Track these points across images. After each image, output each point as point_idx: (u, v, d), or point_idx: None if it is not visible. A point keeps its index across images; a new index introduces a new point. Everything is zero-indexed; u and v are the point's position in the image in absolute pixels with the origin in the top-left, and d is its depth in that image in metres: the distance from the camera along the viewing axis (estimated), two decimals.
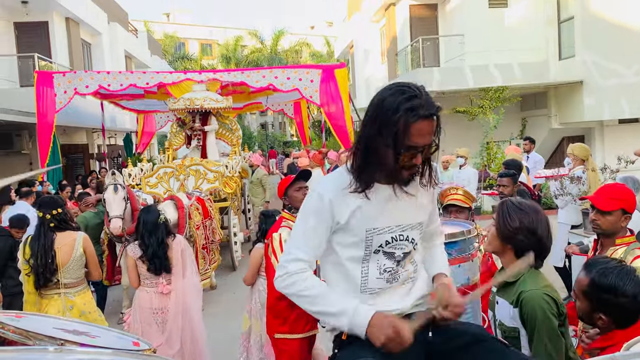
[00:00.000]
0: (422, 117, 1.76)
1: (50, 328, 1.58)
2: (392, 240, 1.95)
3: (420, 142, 1.79)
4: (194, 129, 9.69)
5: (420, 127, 1.76)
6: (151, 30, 33.49)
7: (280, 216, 3.78)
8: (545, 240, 2.23)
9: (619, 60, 13.20)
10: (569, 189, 6.12)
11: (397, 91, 1.81)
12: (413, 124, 1.75)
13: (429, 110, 1.77)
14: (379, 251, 1.94)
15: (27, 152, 14.56)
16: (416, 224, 2.00)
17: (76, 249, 4.17)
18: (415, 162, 1.83)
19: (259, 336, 4.25)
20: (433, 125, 1.80)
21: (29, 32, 15.47)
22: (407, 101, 1.76)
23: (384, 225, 1.93)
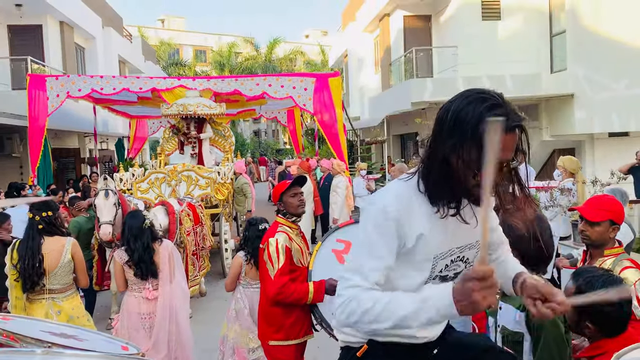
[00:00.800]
0: (509, 129, 1.52)
1: (37, 331, 1.57)
2: (450, 262, 1.79)
3: (503, 156, 1.53)
4: (189, 136, 9.68)
5: (505, 139, 1.50)
6: (145, 36, 33.49)
7: (275, 221, 3.76)
8: (549, 247, 2.27)
9: (610, 75, 13.35)
10: (558, 201, 6.17)
11: (477, 99, 1.59)
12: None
13: (515, 120, 1.55)
14: (437, 276, 1.77)
15: (17, 155, 14.46)
16: (474, 243, 1.82)
17: (64, 254, 4.12)
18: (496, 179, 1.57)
19: (231, 343, 4.26)
20: (516, 138, 1.57)
21: (22, 35, 15.42)
22: (491, 110, 1.54)
23: (447, 248, 1.75)
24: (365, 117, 20.93)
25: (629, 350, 1.67)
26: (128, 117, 14.76)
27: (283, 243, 3.47)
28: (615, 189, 5.33)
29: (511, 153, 1.57)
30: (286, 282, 3.39)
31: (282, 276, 3.40)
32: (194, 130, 9.64)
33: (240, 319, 4.27)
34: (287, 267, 3.44)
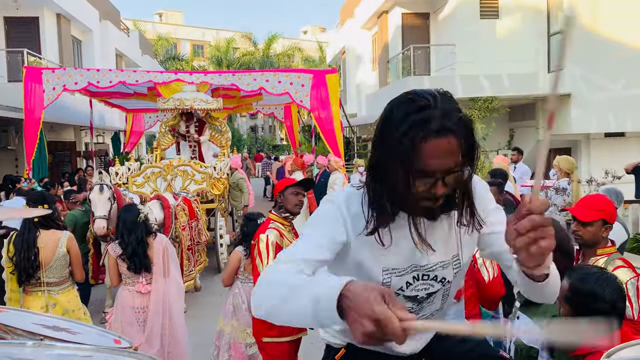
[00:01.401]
0: (433, 133, 1.35)
1: (29, 323, 1.56)
2: (413, 280, 1.60)
3: (436, 165, 1.37)
4: (189, 138, 9.69)
5: (433, 146, 1.35)
6: (142, 30, 33.36)
7: (268, 217, 3.77)
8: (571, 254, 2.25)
9: (607, 75, 13.40)
10: (553, 200, 6.19)
11: (406, 100, 1.43)
12: (422, 143, 1.35)
13: (442, 125, 1.35)
14: (399, 295, 1.60)
15: (13, 148, 14.41)
16: (449, 261, 1.61)
17: (60, 248, 4.12)
18: (437, 192, 1.41)
19: (227, 338, 4.26)
20: (453, 142, 1.36)
21: (19, 27, 15.35)
22: (415, 113, 1.37)
23: (404, 265, 1.57)
24: (362, 114, 20.94)
25: (618, 349, 1.68)
26: (124, 111, 14.72)
27: (273, 240, 3.48)
28: (610, 188, 5.35)
29: (450, 160, 1.38)
30: None
31: None
32: (194, 132, 9.65)
33: (238, 314, 4.27)
34: None
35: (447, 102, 1.41)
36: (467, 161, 1.43)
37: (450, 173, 1.40)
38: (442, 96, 1.42)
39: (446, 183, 1.41)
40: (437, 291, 1.64)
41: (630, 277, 2.66)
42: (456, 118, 1.38)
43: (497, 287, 3.52)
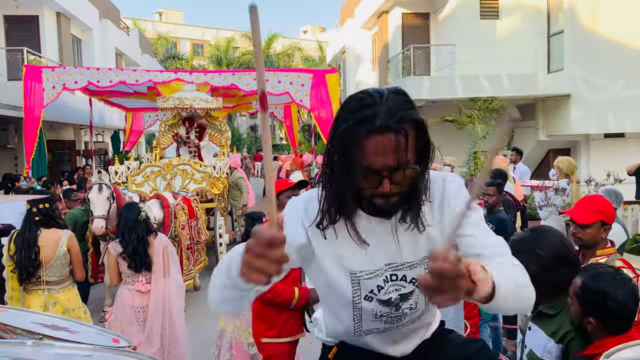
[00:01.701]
0: (376, 129, 1.35)
1: (28, 322, 1.56)
2: (383, 283, 1.56)
3: (379, 162, 1.37)
4: (189, 143, 9.71)
5: (375, 143, 1.36)
6: (142, 29, 33.35)
7: (266, 219, 3.76)
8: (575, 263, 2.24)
9: (606, 75, 13.39)
10: (552, 200, 6.19)
11: (355, 98, 1.45)
12: (364, 139, 1.37)
13: (385, 121, 1.35)
14: (372, 298, 1.58)
15: (12, 146, 14.41)
16: (417, 261, 1.57)
17: (60, 247, 4.13)
18: (384, 190, 1.41)
19: (229, 338, 4.25)
20: (396, 141, 1.36)
21: (18, 26, 15.34)
22: (361, 110, 1.39)
23: (372, 268, 1.55)
24: None
25: (618, 349, 1.67)
26: (124, 110, 14.70)
27: None
28: (610, 189, 5.35)
29: (393, 157, 1.37)
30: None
31: None
32: (195, 137, 9.67)
33: (240, 313, 4.26)
34: None
35: (396, 100, 1.40)
36: (419, 160, 1.43)
37: (396, 170, 1.39)
38: (393, 94, 1.42)
39: (393, 181, 1.40)
40: (410, 292, 1.59)
41: (630, 277, 2.66)
42: (401, 116, 1.37)
43: None
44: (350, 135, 1.39)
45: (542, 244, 2.20)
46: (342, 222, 1.52)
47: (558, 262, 2.19)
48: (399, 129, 1.37)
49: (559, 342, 2.14)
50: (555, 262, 2.19)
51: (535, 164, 15.52)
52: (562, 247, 2.23)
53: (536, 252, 2.18)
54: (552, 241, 2.22)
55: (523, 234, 2.31)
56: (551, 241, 2.22)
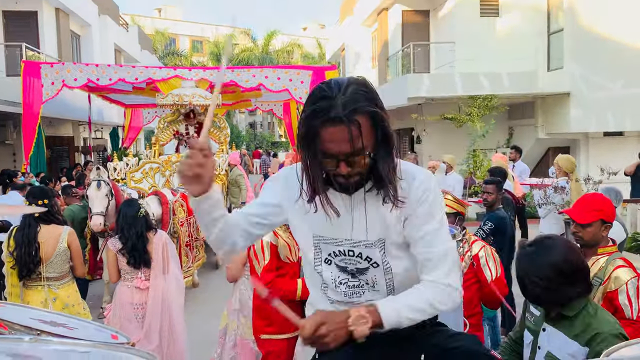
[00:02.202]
0: (328, 120, 1.51)
1: (27, 318, 1.56)
2: (339, 253, 1.75)
3: (334, 148, 1.54)
4: (188, 141, 9.71)
5: (329, 132, 1.53)
6: (142, 25, 33.29)
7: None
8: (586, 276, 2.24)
9: (606, 74, 13.38)
10: (552, 199, 6.19)
11: (317, 88, 1.60)
12: (320, 128, 1.53)
13: (337, 113, 1.50)
14: (331, 262, 1.77)
15: (11, 142, 14.39)
16: (374, 242, 1.71)
17: (60, 243, 4.12)
18: (341, 171, 1.58)
19: (233, 335, 4.24)
20: (349, 131, 1.51)
21: (17, 21, 15.29)
22: (316, 102, 1.55)
23: (331, 235, 1.73)
24: None
25: (618, 347, 1.67)
26: (123, 107, 14.68)
27: (268, 240, 3.47)
28: (610, 188, 5.34)
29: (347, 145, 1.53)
30: (272, 279, 3.41)
31: (267, 273, 3.44)
32: (194, 133, 9.66)
33: (245, 310, 4.22)
34: (274, 264, 3.46)
35: (353, 92, 1.53)
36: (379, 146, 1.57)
37: (351, 156, 1.55)
38: (353, 86, 1.55)
39: (350, 164, 1.57)
40: (366, 269, 1.73)
41: (631, 276, 2.66)
42: (353, 109, 1.51)
43: (500, 287, 3.53)
44: (309, 124, 1.55)
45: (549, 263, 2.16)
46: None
47: (569, 275, 2.16)
48: (352, 120, 1.51)
49: (586, 345, 2.09)
50: (565, 276, 2.15)
51: (535, 162, 15.53)
52: (569, 260, 2.18)
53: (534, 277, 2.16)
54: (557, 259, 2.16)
55: (528, 252, 2.25)
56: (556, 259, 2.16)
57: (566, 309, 2.18)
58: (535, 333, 2.31)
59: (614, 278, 2.68)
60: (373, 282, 1.76)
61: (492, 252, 3.61)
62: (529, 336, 2.36)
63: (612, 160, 9.39)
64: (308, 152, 1.60)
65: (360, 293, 1.76)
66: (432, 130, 15.44)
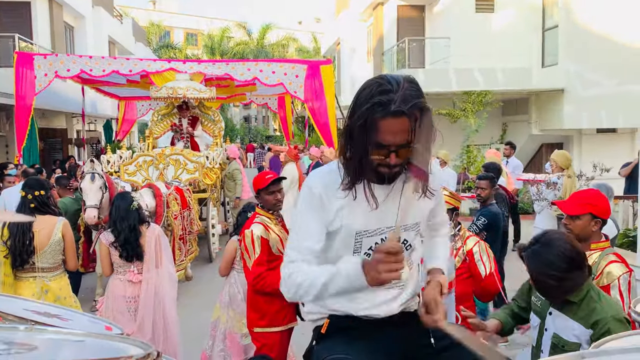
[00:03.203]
0: (390, 113, 1.63)
1: (20, 309, 1.56)
2: (381, 242, 1.84)
3: (390, 140, 1.67)
4: (182, 131, 9.69)
5: (388, 124, 1.64)
6: (136, 17, 33.07)
7: (254, 212, 3.76)
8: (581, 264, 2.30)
9: (600, 71, 13.44)
10: (544, 194, 6.23)
11: (375, 83, 1.70)
12: (380, 120, 1.64)
13: (399, 107, 1.62)
14: (369, 255, 1.83)
15: (3, 134, 14.29)
16: (411, 225, 1.90)
17: (55, 233, 4.11)
18: (390, 162, 1.71)
19: (223, 328, 4.26)
20: (405, 123, 1.64)
21: (10, 12, 15.15)
22: (379, 95, 1.65)
23: (374, 227, 1.84)
24: None
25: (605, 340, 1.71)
26: (117, 99, 14.60)
27: (258, 234, 3.50)
28: (601, 184, 5.38)
29: (402, 137, 1.66)
30: (262, 273, 3.44)
31: (258, 266, 3.47)
32: (187, 126, 9.66)
33: (234, 303, 4.26)
34: (264, 258, 3.49)
35: (409, 89, 1.66)
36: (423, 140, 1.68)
37: (402, 147, 1.68)
38: (408, 83, 1.68)
39: (399, 155, 1.70)
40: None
41: (623, 272, 2.68)
42: (412, 104, 1.63)
43: (493, 281, 3.61)
44: (368, 115, 1.65)
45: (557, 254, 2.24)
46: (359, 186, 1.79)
47: (577, 260, 2.26)
48: (410, 114, 1.64)
49: (590, 327, 2.21)
50: (575, 262, 2.25)
51: (528, 158, 15.60)
52: (573, 246, 2.27)
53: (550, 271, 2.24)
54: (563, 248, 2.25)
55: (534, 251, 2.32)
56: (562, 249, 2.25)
57: (572, 295, 2.28)
58: (542, 316, 2.41)
59: (607, 273, 2.70)
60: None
61: (486, 248, 3.67)
62: (536, 319, 2.46)
63: (604, 156, 9.47)
64: (360, 142, 1.70)
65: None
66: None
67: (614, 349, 1.53)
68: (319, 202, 1.83)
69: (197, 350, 4.51)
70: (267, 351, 3.57)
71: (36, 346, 1.13)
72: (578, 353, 1.42)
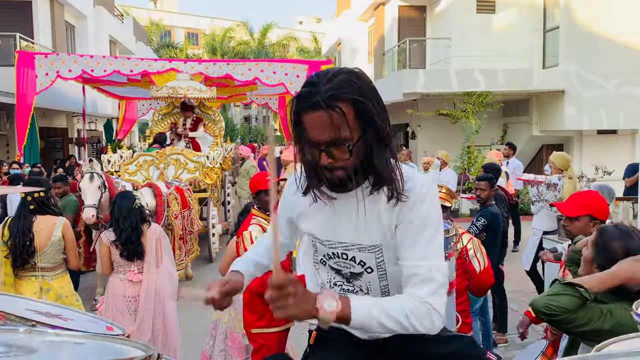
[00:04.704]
0: (308, 106, 1.47)
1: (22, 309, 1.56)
2: (333, 255, 1.70)
3: (315, 136, 1.49)
4: (181, 134, 9.71)
5: (309, 118, 1.48)
6: (136, 17, 33.07)
7: (250, 213, 3.75)
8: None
9: (601, 73, 13.44)
10: (544, 195, 6.23)
11: (311, 75, 1.57)
12: (302, 114, 1.50)
13: (318, 98, 1.45)
14: (326, 263, 1.75)
15: (4, 133, 14.30)
16: (368, 246, 1.64)
17: (55, 233, 4.11)
18: (322, 162, 1.52)
19: (224, 327, 4.26)
20: (327, 117, 1.45)
21: (11, 11, 15.16)
22: (304, 86, 1.52)
23: (325, 238, 1.70)
24: None
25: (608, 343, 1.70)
26: (117, 98, 14.62)
27: (257, 235, 3.51)
28: (603, 185, 5.38)
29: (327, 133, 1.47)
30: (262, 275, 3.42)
31: None
32: (189, 125, 9.68)
33: (235, 303, 4.25)
34: None
35: (339, 81, 1.48)
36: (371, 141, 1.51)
37: (332, 146, 1.49)
38: (343, 75, 1.50)
39: (331, 155, 1.50)
40: (360, 274, 1.68)
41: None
42: (332, 94, 1.45)
43: (487, 277, 3.73)
44: (294, 109, 1.52)
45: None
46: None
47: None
48: (330, 105, 1.45)
49: None
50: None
51: (529, 159, 15.60)
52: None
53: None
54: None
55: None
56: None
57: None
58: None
59: None
60: (367, 288, 1.70)
61: (479, 244, 3.75)
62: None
63: (605, 158, 9.45)
64: (297, 141, 1.56)
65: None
66: (427, 126, 15.46)
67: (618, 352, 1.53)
68: (287, 203, 1.82)
69: (197, 350, 4.52)
70: (266, 352, 3.57)
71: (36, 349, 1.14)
72: (582, 356, 1.42)
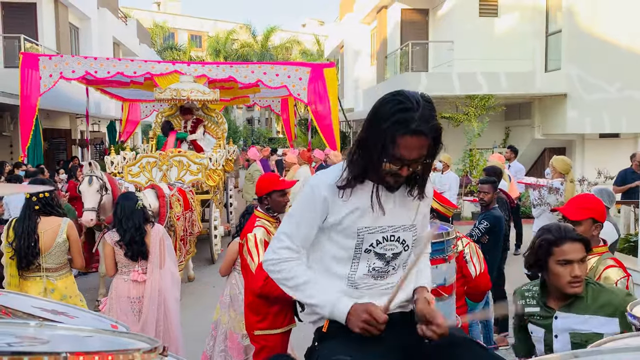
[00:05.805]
0: (411, 132, 1.77)
1: (29, 306, 1.59)
2: (383, 240, 1.98)
3: (406, 155, 1.80)
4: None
5: (407, 141, 1.78)
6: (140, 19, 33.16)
7: (253, 215, 3.74)
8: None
9: (603, 76, 13.45)
10: (546, 199, 6.24)
11: (395, 100, 1.83)
12: (400, 137, 1.78)
13: (419, 126, 1.77)
14: (370, 251, 1.98)
15: (8, 134, 14.36)
16: (409, 226, 2.03)
17: (60, 234, 4.13)
18: (401, 173, 1.86)
19: (224, 328, 4.28)
20: (423, 141, 1.80)
21: (16, 13, 15.23)
22: (400, 112, 1.78)
23: (376, 225, 1.97)
24: (359, 108, 20.94)
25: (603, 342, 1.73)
26: (121, 100, 14.67)
27: (261, 237, 3.47)
28: (602, 189, 5.39)
29: (417, 153, 1.81)
30: (267, 277, 3.42)
31: (262, 270, 3.42)
32: (189, 128, 9.70)
33: (235, 304, 4.27)
34: None
35: (427, 108, 1.80)
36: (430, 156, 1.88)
37: (415, 162, 1.85)
38: (425, 102, 1.82)
39: (410, 168, 1.86)
40: (399, 253, 2.03)
41: (621, 276, 2.71)
42: (431, 124, 1.79)
43: (483, 281, 3.74)
44: (388, 131, 1.79)
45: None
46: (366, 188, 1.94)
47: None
48: (427, 134, 1.79)
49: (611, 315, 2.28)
50: None
51: (531, 162, 15.60)
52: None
53: None
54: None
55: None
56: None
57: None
58: (547, 325, 2.40)
59: (604, 278, 2.72)
60: (399, 265, 2.05)
61: (476, 249, 3.75)
62: (539, 330, 2.44)
63: (607, 161, 9.47)
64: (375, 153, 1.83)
65: (386, 276, 2.04)
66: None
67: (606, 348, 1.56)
68: (320, 205, 1.96)
69: (198, 350, 4.54)
70: (267, 353, 3.58)
71: (47, 340, 1.17)
72: (571, 352, 1.45)
